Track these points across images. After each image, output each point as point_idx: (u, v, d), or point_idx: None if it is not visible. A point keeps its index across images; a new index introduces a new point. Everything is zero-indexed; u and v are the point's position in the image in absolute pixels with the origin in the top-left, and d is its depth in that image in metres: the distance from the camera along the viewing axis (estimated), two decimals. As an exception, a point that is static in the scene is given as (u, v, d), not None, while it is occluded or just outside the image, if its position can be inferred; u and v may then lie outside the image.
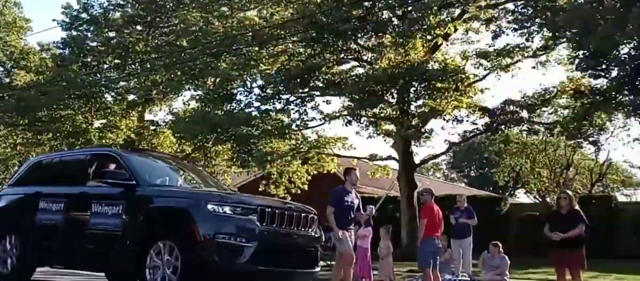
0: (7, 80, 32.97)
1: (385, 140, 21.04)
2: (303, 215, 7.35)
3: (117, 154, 7.92)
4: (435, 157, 24.69)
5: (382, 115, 20.17)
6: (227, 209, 6.62)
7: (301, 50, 20.38)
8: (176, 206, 6.85)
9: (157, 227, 6.79)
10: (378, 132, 20.45)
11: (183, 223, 6.58)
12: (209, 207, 6.56)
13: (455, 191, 24.02)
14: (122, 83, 26.20)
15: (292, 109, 20.73)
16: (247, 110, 20.90)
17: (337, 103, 22.11)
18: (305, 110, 20.72)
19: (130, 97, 26.35)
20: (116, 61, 26.15)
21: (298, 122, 21.05)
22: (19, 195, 8.67)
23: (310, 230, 7.45)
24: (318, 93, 20.45)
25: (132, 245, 6.81)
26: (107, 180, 7.22)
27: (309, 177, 22.66)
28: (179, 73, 22.29)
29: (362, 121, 20.31)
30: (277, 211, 6.96)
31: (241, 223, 6.60)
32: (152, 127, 27.52)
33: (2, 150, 34.10)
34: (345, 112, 20.25)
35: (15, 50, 33.62)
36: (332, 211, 8.07)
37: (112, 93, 26.88)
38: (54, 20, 26.10)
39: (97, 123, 28.19)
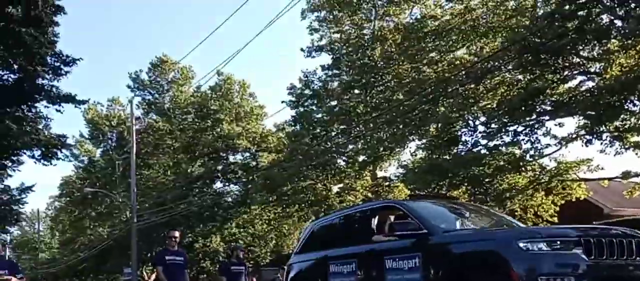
0: (254, 163, 36.89)
1: (637, 154, 18.59)
2: (635, 240, 6.01)
3: (399, 204, 7.52)
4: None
5: (627, 126, 17.93)
6: (543, 245, 5.65)
7: (520, 77, 19.28)
8: (481, 249, 6.01)
9: (462, 276, 6.00)
10: (625, 147, 18.17)
11: (493, 267, 5.75)
12: (521, 244, 5.65)
13: None
14: (350, 146, 27.40)
15: (523, 140, 19.51)
16: (474, 150, 20.26)
17: (571, 124, 20.34)
18: (536, 138, 19.36)
19: (361, 158, 27.34)
20: (342, 127, 27.54)
21: (531, 152, 19.72)
22: (308, 262, 8.58)
23: None
24: (547, 117, 18.97)
25: None
26: (395, 233, 6.74)
27: (557, 208, 20.91)
28: (401, 126, 22.63)
29: (604, 138, 18.25)
30: (605, 240, 5.74)
31: (563, 259, 5.59)
32: (385, 184, 28.11)
33: (259, 227, 37.80)
34: (583, 132, 18.43)
35: (257, 135, 37.60)
36: None
37: (344, 158, 28.25)
38: (282, 102, 28.53)
39: (335, 188, 29.76)
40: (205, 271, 38.58)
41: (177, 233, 9.93)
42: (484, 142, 20.24)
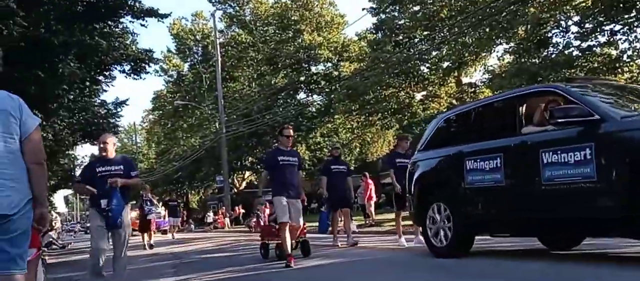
0: (336, 73, 36.94)
1: None
2: None
3: (559, 89, 6.15)
4: None
5: None
6: None
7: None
8: None
9: None
10: None
11: None
12: None
13: None
14: (434, 53, 26.78)
15: (620, 39, 18.35)
16: (566, 52, 19.27)
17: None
18: (635, 36, 18.12)
19: (445, 65, 26.75)
20: (425, 33, 26.84)
21: (629, 52, 18.56)
22: (437, 159, 7.49)
23: None
24: (649, 14, 17.66)
25: (615, 194, 5.09)
26: (558, 121, 5.53)
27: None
28: (487, 29, 21.77)
29: None
30: None
31: None
32: (470, 90, 27.49)
33: (343, 136, 38.33)
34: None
35: (338, 44, 37.41)
36: None
37: (427, 65, 27.73)
38: (363, 9, 27.97)
39: (418, 96, 29.48)
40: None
41: (291, 131, 8.44)
42: (576, 43, 19.19)
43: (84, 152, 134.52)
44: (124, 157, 7.00)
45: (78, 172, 22.20)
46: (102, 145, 6.53)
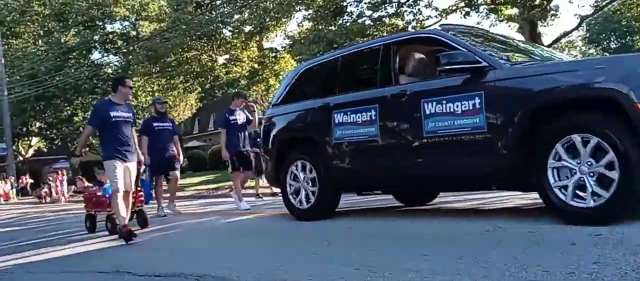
0: (134, 32, 35.14)
1: (509, 26, 19.89)
2: None
3: (439, 35, 5.64)
4: (567, 34, 22.94)
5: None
6: None
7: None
8: (581, 83, 4.36)
9: (550, 117, 4.55)
10: (500, 19, 19.32)
11: (602, 102, 4.22)
12: None
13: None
14: (236, 16, 26.79)
15: (405, 11, 20.11)
16: (359, 21, 20.60)
17: (451, -5, 21.10)
18: (419, 9, 20.03)
19: (247, 29, 26.93)
20: (227, -5, 26.72)
21: (414, 23, 20.43)
22: (298, 113, 6.77)
23: None
24: (431, -11, 19.60)
25: (504, 145, 4.73)
26: (444, 68, 5.06)
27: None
28: (287, -4, 22.33)
29: (481, 10, 19.26)
30: None
31: None
32: (272, 55, 28.09)
33: (143, 99, 36.80)
34: (462, 4, 19.28)
35: (136, 2, 35.50)
36: None
37: (229, 28, 27.66)
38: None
39: (221, 60, 29.36)
40: (87, 145, 37.47)
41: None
42: (368, 13, 20.59)
43: None
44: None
45: None
46: None
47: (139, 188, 7.58)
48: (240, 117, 9.44)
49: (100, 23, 36.59)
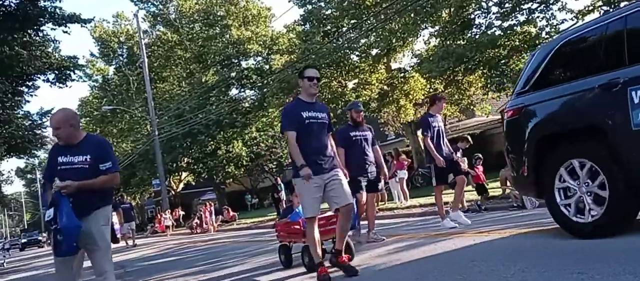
0: (267, 66, 36.82)
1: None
2: None
3: None
4: None
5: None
6: None
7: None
8: None
9: None
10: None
11: None
12: None
13: None
14: (362, 41, 27.09)
15: (537, 17, 19.19)
16: (489, 32, 19.99)
17: (587, -6, 19.79)
18: (552, 13, 19.04)
19: (374, 52, 27.11)
20: (352, 21, 27.11)
21: (547, 29, 19.44)
22: (569, 96, 5.09)
23: None
24: (563, -9, 18.54)
25: None
26: None
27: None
28: (412, 15, 22.24)
29: (621, 6, 17.86)
30: None
31: None
32: (400, 75, 28.01)
33: (279, 129, 38.28)
34: (599, 2, 18.03)
35: (267, 38, 37.24)
36: None
37: (357, 53, 28.02)
38: (289, 0, 27.96)
39: (350, 84, 29.77)
40: (231, 176, 39.58)
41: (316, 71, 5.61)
42: (498, 23, 19.95)
43: (9, 166, 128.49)
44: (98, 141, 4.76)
45: (5, 189, 20.99)
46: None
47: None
48: (439, 123, 8.45)
49: (236, 60, 38.83)
